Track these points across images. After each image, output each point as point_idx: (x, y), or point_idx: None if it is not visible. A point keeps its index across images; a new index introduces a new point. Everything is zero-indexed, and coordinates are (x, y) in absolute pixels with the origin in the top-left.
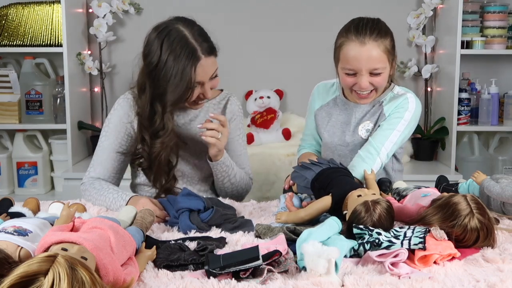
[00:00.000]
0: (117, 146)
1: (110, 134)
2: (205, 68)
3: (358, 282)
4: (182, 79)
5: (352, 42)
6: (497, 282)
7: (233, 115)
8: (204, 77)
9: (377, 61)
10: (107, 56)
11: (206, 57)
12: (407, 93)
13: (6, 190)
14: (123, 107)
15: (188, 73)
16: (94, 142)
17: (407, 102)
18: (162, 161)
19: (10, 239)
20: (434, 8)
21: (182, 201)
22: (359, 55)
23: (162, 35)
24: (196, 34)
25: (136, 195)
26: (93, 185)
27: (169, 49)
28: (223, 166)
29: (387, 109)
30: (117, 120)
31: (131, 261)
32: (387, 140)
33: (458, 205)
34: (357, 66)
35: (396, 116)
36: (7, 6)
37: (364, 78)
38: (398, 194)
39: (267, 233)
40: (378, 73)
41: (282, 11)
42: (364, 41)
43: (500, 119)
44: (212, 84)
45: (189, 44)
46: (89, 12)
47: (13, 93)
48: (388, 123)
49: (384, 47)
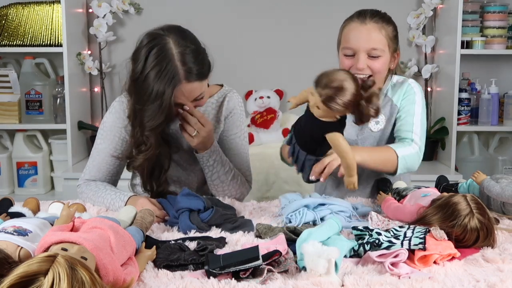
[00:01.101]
0: (111, 150)
1: (105, 138)
2: (185, 93)
3: (358, 282)
4: (161, 104)
5: (353, 22)
6: (497, 282)
7: (229, 112)
8: (184, 101)
9: (376, 42)
10: (107, 56)
11: (188, 83)
12: (407, 80)
13: (6, 190)
14: (118, 111)
15: (167, 97)
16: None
17: (411, 87)
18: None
19: (10, 239)
20: (434, 8)
21: (182, 201)
22: (359, 34)
23: (151, 45)
24: (185, 56)
25: (135, 195)
26: (89, 186)
27: (153, 62)
28: (210, 161)
29: (396, 99)
30: (112, 124)
31: (131, 261)
32: (413, 125)
33: (458, 205)
34: (356, 45)
35: (408, 103)
36: (7, 6)
37: (361, 58)
38: (398, 194)
39: (268, 233)
40: (377, 55)
41: (282, 11)
42: (364, 21)
43: (500, 119)
44: (198, 104)
45: (172, 66)
46: (89, 12)
47: (13, 93)
48: (405, 112)
49: (385, 32)
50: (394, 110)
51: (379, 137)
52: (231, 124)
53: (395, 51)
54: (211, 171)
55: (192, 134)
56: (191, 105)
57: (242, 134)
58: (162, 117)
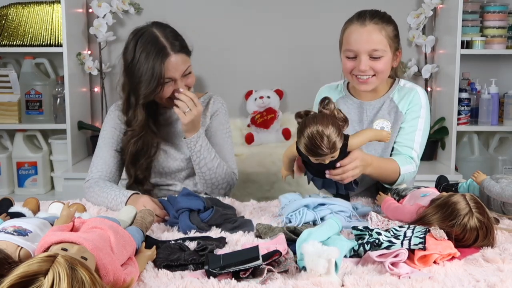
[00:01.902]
0: (114, 144)
1: (107, 135)
2: (175, 65)
3: (358, 282)
4: (153, 75)
5: (353, 25)
6: (497, 282)
7: (215, 111)
8: (174, 73)
9: (377, 43)
10: (107, 56)
11: (176, 54)
12: (415, 87)
13: (6, 190)
14: (116, 111)
15: (158, 69)
16: (94, 142)
17: (418, 97)
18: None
19: (10, 239)
20: (434, 8)
21: (182, 201)
22: (359, 36)
23: (137, 37)
24: (167, 34)
25: (137, 193)
26: (98, 183)
27: (141, 47)
28: (197, 146)
29: (402, 107)
30: (112, 122)
31: (131, 261)
32: (414, 142)
33: (457, 204)
34: (357, 47)
35: (413, 117)
36: (7, 6)
37: (363, 60)
38: (397, 194)
39: (268, 233)
40: (378, 56)
41: (282, 11)
42: (364, 23)
43: (500, 119)
44: (187, 82)
45: (159, 43)
46: (89, 12)
47: (13, 93)
48: (409, 125)
49: (385, 33)
50: (400, 117)
51: (385, 143)
52: (216, 122)
53: (397, 50)
54: (198, 157)
55: (185, 110)
56: (184, 86)
57: (227, 131)
58: (154, 83)
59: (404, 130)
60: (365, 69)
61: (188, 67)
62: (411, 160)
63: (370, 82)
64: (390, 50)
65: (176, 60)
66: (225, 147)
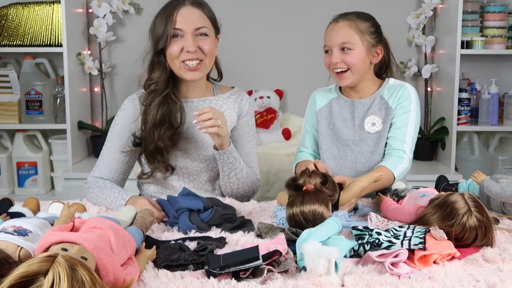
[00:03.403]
0: (121, 146)
1: (116, 135)
2: (187, 16)
3: (358, 282)
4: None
5: (330, 24)
6: (497, 282)
7: (242, 111)
8: (185, 25)
9: (345, 36)
10: (107, 56)
11: (189, 6)
12: (404, 84)
13: (6, 190)
14: (129, 107)
15: (170, 16)
16: (94, 142)
17: (408, 92)
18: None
19: (10, 239)
20: (434, 8)
21: (181, 201)
22: (331, 31)
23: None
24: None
25: (135, 196)
26: (98, 183)
27: (161, 10)
28: (230, 157)
29: (392, 102)
30: (123, 120)
31: (131, 261)
32: (406, 135)
33: (456, 203)
34: (329, 42)
35: (404, 111)
36: (7, 6)
37: (334, 52)
38: (396, 195)
39: (269, 232)
40: (348, 48)
41: (283, 11)
42: (337, 20)
43: (500, 119)
44: (200, 44)
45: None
46: (89, 12)
47: (13, 93)
48: (400, 120)
49: (357, 27)
50: (390, 112)
51: (376, 138)
52: (243, 124)
53: (375, 46)
54: (229, 169)
55: (218, 124)
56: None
57: (252, 133)
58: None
59: (396, 125)
60: (335, 61)
61: (203, 26)
62: (402, 155)
63: (345, 77)
64: (362, 44)
65: (188, 11)
66: (251, 151)
